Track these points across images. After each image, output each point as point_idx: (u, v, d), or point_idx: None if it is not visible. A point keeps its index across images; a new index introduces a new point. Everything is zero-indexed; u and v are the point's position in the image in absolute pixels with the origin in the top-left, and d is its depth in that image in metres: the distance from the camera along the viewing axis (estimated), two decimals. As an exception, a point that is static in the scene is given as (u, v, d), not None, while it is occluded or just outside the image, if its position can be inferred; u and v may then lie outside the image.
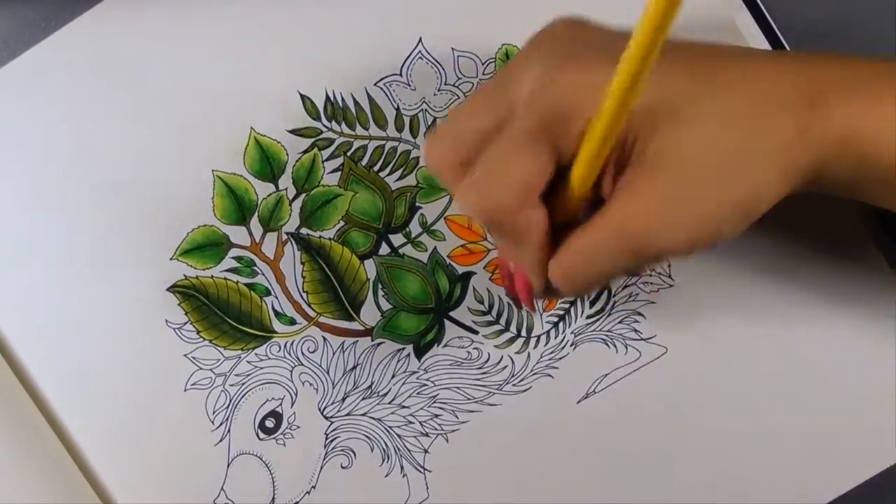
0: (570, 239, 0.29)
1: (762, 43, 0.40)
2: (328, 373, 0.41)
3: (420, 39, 0.40)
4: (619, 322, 0.41)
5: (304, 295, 0.40)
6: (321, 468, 0.41)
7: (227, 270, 0.40)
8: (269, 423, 0.41)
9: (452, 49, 0.40)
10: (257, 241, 0.40)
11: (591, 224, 0.29)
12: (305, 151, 0.40)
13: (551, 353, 0.41)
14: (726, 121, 0.28)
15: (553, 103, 0.28)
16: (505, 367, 0.41)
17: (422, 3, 0.40)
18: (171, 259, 0.40)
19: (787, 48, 0.41)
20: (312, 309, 0.40)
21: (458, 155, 0.30)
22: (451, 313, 0.41)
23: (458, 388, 0.41)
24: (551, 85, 0.28)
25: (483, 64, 0.40)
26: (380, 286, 0.40)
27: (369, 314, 0.41)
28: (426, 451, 0.41)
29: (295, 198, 0.40)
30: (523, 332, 0.41)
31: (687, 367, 0.41)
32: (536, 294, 0.32)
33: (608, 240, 0.29)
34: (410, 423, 0.41)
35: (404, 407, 0.41)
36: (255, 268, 0.40)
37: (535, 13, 0.40)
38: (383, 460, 0.41)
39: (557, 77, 0.28)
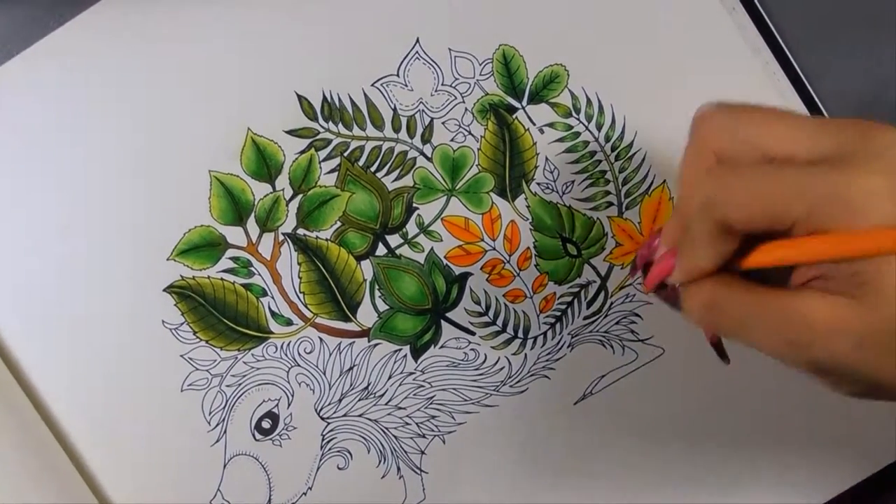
0: (740, 279, 0.29)
1: (758, 41, 0.40)
2: (325, 374, 0.40)
3: (417, 40, 0.40)
4: (616, 323, 0.41)
5: (301, 295, 0.40)
6: (318, 469, 0.40)
7: (224, 271, 0.40)
8: (266, 424, 0.40)
9: (449, 49, 0.40)
10: (254, 241, 0.40)
11: (767, 288, 0.28)
12: (302, 152, 0.40)
13: (548, 354, 0.41)
14: None
15: (845, 187, 0.26)
16: (502, 369, 0.41)
17: (419, 3, 0.40)
18: (167, 259, 0.40)
19: (784, 47, 0.40)
20: (309, 310, 0.40)
21: (734, 143, 0.29)
22: (448, 314, 0.41)
23: (454, 389, 0.41)
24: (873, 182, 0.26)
25: (480, 64, 0.40)
26: (376, 287, 0.40)
27: (366, 315, 0.40)
28: (423, 453, 0.41)
29: (292, 198, 0.40)
30: (520, 334, 0.41)
31: (684, 368, 0.40)
32: (664, 285, 0.31)
33: (769, 310, 0.28)
34: (407, 424, 0.41)
35: (401, 408, 0.41)
36: (252, 268, 0.40)
37: (531, 14, 0.40)
38: (380, 461, 0.41)
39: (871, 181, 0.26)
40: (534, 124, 0.41)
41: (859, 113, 0.38)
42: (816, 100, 0.41)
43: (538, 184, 0.40)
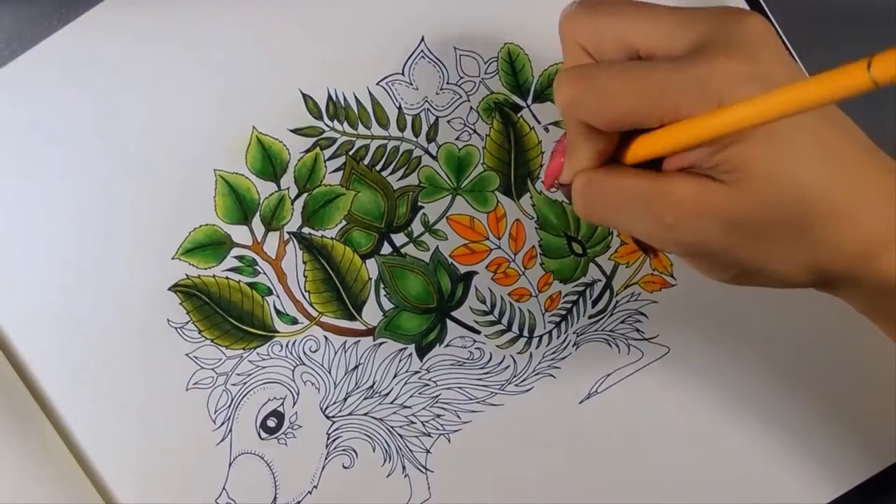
0: (617, 167, 0.29)
1: None
2: (330, 372, 0.40)
3: (422, 38, 0.40)
4: (622, 322, 0.41)
5: (306, 294, 0.40)
6: (323, 468, 0.40)
7: (229, 270, 0.40)
8: (271, 423, 0.40)
9: (455, 48, 0.40)
10: (259, 240, 0.40)
11: (639, 171, 0.29)
12: (307, 151, 0.40)
13: (553, 353, 0.41)
14: (818, 173, 0.27)
15: (706, 77, 0.26)
16: (507, 368, 0.41)
17: (424, 2, 0.40)
18: (172, 258, 0.40)
19: (787, 44, 0.40)
20: (314, 308, 0.40)
21: (596, 39, 0.29)
22: (454, 313, 0.41)
23: (460, 388, 0.41)
24: (720, 60, 0.27)
25: (485, 63, 0.40)
26: (382, 286, 0.40)
27: (371, 314, 0.40)
28: (428, 452, 0.41)
29: (297, 197, 0.40)
30: (525, 332, 0.41)
31: (689, 367, 0.40)
32: (557, 182, 0.32)
33: (640, 193, 0.28)
34: (412, 423, 0.41)
35: (406, 407, 0.41)
36: (257, 267, 0.40)
37: (536, 12, 0.40)
38: (385, 460, 0.41)
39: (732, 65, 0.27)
40: (539, 123, 0.40)
41: (860, 112, 0.38)
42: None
43: (543, 182, 0.40)
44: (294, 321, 0.40)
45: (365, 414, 0.41)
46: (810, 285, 0.29)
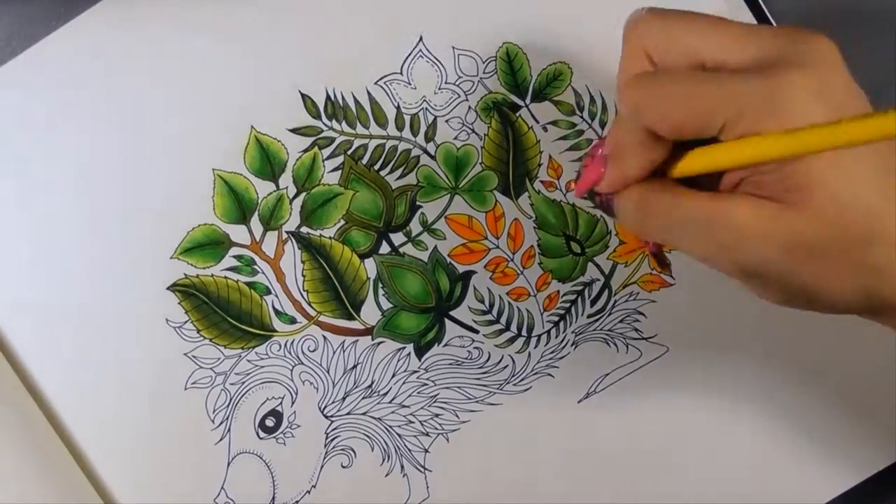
0: (670, 184, 0.29)
1: None
2: (328, 372, 0.40)
3: (421, 38, 0.40)
4: (620, 321, 0.41)
5: (305, 294, 0.40)
6: (321, 467, 0.40)
7: (228, 269, 0.40)
8: (270, 422, 0.40)
9: (453, 47, 0.40)
10: (258, 239, 0.40)
11: (696, 192, 0.28)
12: (306, 150, 0.40)
13: (552, 352, 0.41)
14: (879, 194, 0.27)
15: (775, 89, 0.26)
16: (505, 367, 0.41)
17: (422, 1, 0.40)
18: (171, 258, 0.40)
19: None
20: (313, 308, 0.40)
21: (665, 46, 0.29)
22: (452, 312, 0.41)
23: (458, 387, 0.41)
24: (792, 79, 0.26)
25: (484, 62, 0.40)
26: (380, 285, 0.40)
27: (370, 313, 0.40)
28: (426, 451, 0.41)
29: (295, 196, 0.40)
30: (524, 332, 0.41)
31: (688, 366, 0.40)
32: (594, 191, 0.31)
33: (698, 214, 0.28)
34: (411, 422, 0.41)
35: (405, 406, 0.41)
36: (256, 266, 0.40)
37: (535, 11, 0.40)
38: (383, 460, 0.41)
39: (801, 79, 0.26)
40: (537, 122, 0.40)
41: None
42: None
43: (542, 182, 0.40)
44: (293, 320, 0.40)
45: (363, 413, 0.41)
46: (860, 312, 0.29)
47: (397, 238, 0.40)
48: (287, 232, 0.40)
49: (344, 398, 0.41)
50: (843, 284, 0.28)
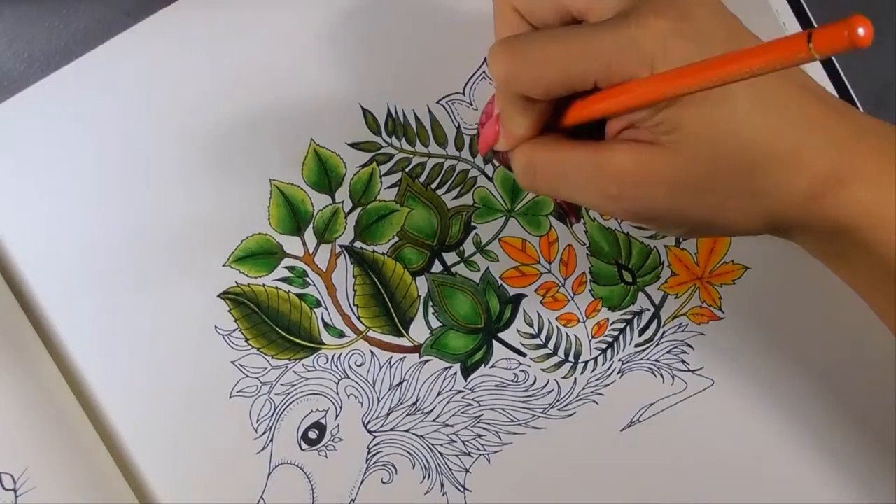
0: (557, 138, 0.29)
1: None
2: (374, 387, 0.41)
3: (484, 59, 0.40)
4: (668, 352, 0.41)
5: (355, 308, 0.40)
6: (362, 482, 0.41)
7: (279, 280, 0.40)
8: (313, 435, 0.41)
9: (516, 70, 0.40)
10: (311, 252, 0.40)
11: (580, 143, 0.29)
12: (364, 165, 0.40)
13: (598, 379, 0.41)
14: (756, 127, 0.27)
15: (637, 37, 0.26)
16: (551, 392, 0.41)
17: (487, 22, 0.40)
18: (223, 266, 0.40)
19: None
20: (362, 323, 0.40)
21: (530, 2, 0.29)
22: (500, 334, 0.41)
23: (502, 409, 0.41)
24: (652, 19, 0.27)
25: (546, 87, 0.40)
26: (430, 304, 0.40)
27: (418, 331, 0.41)
28: (467, 471, 0.41)
29: (351, 211, 0.40)
30: (571, 357, 0.41)
31: (733, 401, 0.41)
32: (493, 151, 0.32)
33: (581, 166, 0.29)
34: (453, 441, 0.41)
35: (448, 425, 0.41)
36: (307, 279, 0.40)
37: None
38: (424, 477, 0.41)
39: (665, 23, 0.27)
40: (596, 150, 0.40)
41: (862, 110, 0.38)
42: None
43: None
44: (341, 334, 0.40)
45: (407, 430, 0.41)
46: (765, 232, 0.29)
47: (450, 258, 0.40)
48: (340, 246, 0.40)
49: (388, 414, 0.41)
50: (739, 213, 0.28)
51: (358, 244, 0.40)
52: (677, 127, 0.27)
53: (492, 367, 0.41)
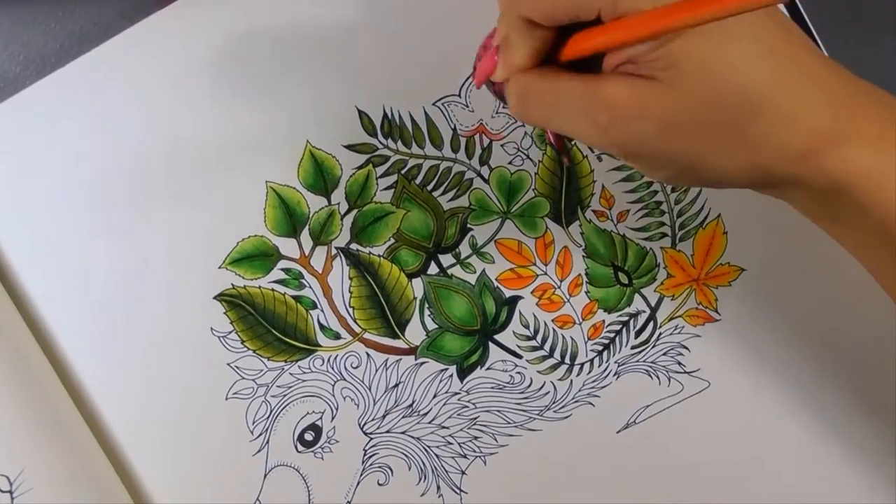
0: (553, 69, 0.29)
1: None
2: (370, 389, 0.41)
3: (480, 61, 0.40)
4: (664, 354, 0.41)
5: (351, 310, 0.40)
6: (358, 484, 0.41)
7: (275, 282, 0.40)
8: (309, 436, 0.41)
9: (512, 72, 0.40)
10: (307, 254, 0.40)
11: (576, 74, 0.29)
12: (360, 167, 0.40)
13: (594, 381, 0.41)
14: (757, 74, 0.26)
15: None
16: (547, 393, 0.41)
17: (483, 24, 0.40)
18: (219, 267, 0.40)
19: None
20: (358, 325, 0.40)
21: None
22: (496, 336, 0.41)
23: (498, 411, 0.41)
24: None
25: (542, 89, 0.40)
26: (426, 305, 0.40)
27: (414, 333, 0.41)
28: (463, 473, 0.41)
29: (347, 213, 0.40)
30: (567, 359, 0.41)
31: (729, 402, 0.40)
32: (489, 82, 0.32)
33: (575, 95, 0.28)
34: (449, 443, 0.41)
35: (444, 427, 0.41)
36: (303, 280, 0.40)
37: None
38: (420, 479, 0.41)
39: None
40: (592, 151, 0.40)
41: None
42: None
43: (593, 211, 0.40)
44: (337, 336, 0.40)
45: (402, 432, 0.41)
46: (752, 185, 0.29)
47: (446, 259, 0.40)
48: (336, 248, 0.40)
49: (384, 416, 0.41)
50: (725, 159, 0.28)
51: (354, 246, 0.40)
52: (675, 63, 0.27)
53: (488, 369, 0.41)
